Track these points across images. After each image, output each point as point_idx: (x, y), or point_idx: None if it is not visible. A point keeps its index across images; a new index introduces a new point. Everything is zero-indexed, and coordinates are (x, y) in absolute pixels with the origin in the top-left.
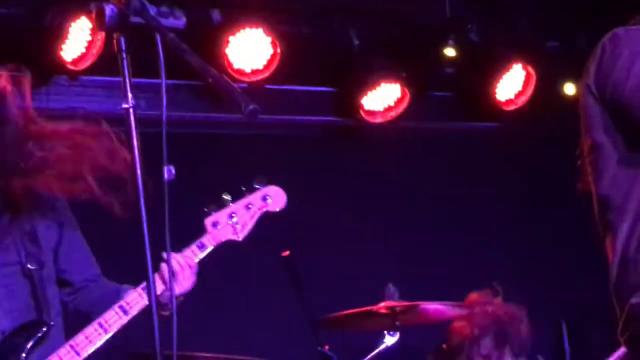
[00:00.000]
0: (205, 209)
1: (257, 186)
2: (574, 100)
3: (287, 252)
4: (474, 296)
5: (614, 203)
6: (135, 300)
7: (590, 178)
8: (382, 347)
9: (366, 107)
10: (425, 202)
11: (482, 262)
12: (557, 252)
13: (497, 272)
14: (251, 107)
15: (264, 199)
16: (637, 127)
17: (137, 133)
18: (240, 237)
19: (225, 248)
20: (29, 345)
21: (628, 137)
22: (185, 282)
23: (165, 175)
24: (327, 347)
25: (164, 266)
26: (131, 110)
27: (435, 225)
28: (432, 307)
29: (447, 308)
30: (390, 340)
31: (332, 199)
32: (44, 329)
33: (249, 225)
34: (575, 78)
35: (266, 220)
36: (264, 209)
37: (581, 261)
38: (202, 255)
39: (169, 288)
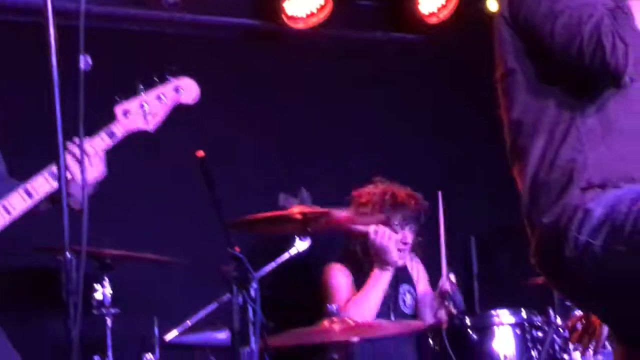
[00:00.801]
0: (117, 98)
1: (170, 77)
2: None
3: (202, 153)
4: None
5: (525, 128)
6: (41, 184)
7: (503, 103)
8: (292, 251)
9: (288, 12)
10: (344, 110)
11: (397, 173)
12: (471, 168)
13: (410, 185)
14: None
15: (176, 90)
16: (548, 54)
17: (54, 24)
18: (151, 127)
19: (138, 148)
20: None
21: (539, 64)
22: (93, 170)
23: (82, 65)
24: (237, 248)
25: (71, 152)
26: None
27: (354, 133)
28: (344, 214)
29: (359, 218)
30: (301, 245)
31: (248, 102)
32: None
33: (160, 116)
34: None
35: (180, 120)
36: (176, 101)
37: (494, 180)
38: (111, 143)
39: (81, 173)
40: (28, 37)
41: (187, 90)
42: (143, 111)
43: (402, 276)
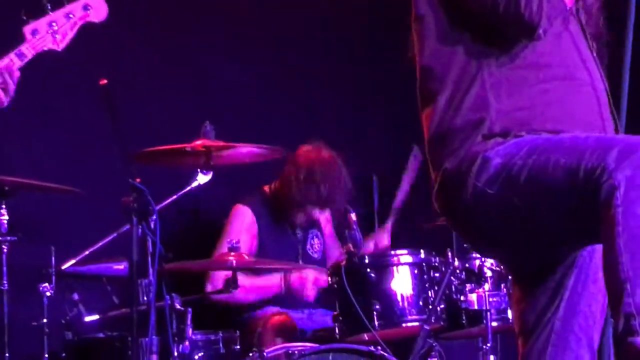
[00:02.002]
0: (24, 17)
1: None
2: None
3: (105, 81)
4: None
5: (434, 74)
6: None
7: (416, 47)
8: (194, 184)
9: None
10: (253, 40)
11: (301, 111)
12: (376, 107)
13: (317, 122)
14: None
15: (85, 8)
16: (460, 2)
17: None
18: (60, 46)
19: (41, 72)
20: None
21: (450, 12)
22: (2, 93)
23: None
24: (138, 180)
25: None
26: None
27: (263, 66)
28: (247, 149)
29: (262, 151)
30: (203, 178)
31: (160, 28)
32: None
33: (69, 35)
34: None
35: (86, 47)
36: (85, 19)
37: (397, 121)
38: (21, 64)
39: None
40: None
41: (96, 8)
42: (52, 30)
43: (309, 222)
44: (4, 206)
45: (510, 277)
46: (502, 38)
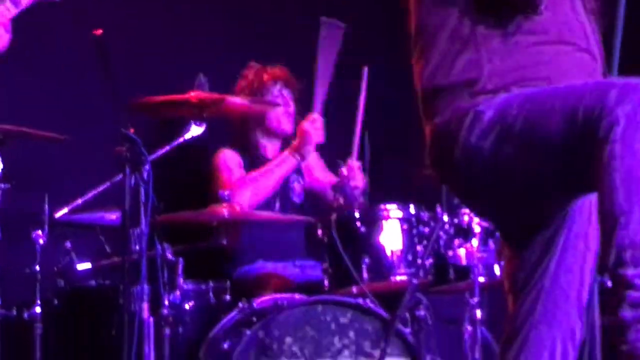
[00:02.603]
0: None
1: None
2: None
3: (100, 31)
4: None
5: (429, 29)
6: None
7: (410, 7)
8: (187, 136)
9: None
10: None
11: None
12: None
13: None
14: None
15: None
16: None
17: None
18: None
19: (35, 21)
20: None
21: None
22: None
23: None
24: (131, 130)
25: None
26: None
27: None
28: (241, 101)
29: (253, 103)
30: (196, 130)
31: None
32: None
33: None
34: None
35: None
36: None
37: (390, 78)
38: (17, 11)
39: None
40: None
41: None
42: None
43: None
44: None
45: (498, 234)
46: (502, 9)
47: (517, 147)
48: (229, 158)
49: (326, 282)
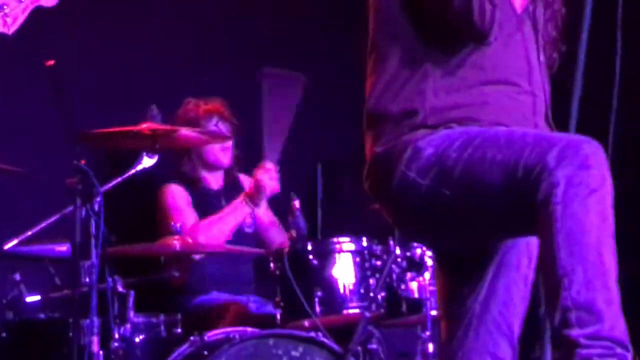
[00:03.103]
0: None
1: None
2: None
3: (52, 62)
4: None
5: (380, 53)
6: None
7: (370, 22)
8: (139, 167)
9: None
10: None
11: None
12: (324, 95)
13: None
14: None
15: None
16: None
17: None
18: (10, 30)
19: None
20: None
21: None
22: None
23: None
24: (83, 161)
25: None
26: None
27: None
28: (193, 134)
29: (206, 137)
30: (148, 161)
31: (110, 15)
32: None
33: (21, 19)
34: None
35: (35, 25)
36: (35, 3)
37: (343, 108)
38: None
39: None
40: None
41: None
42: (3, 13)
43: (235, 195)
44: None
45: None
46: (451, 38)
47: (454, 192)
48: (177, 195)
49: (278, 316)
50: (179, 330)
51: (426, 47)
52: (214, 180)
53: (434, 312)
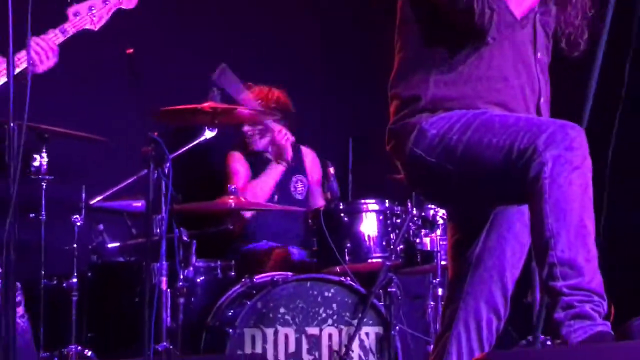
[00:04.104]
0: (69, 0)
1: None
2: None
3: (131, 50)
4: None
5: (405, 34)
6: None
7: (398, 26)
8: (201, 139)
9: None
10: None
11: (296, 79)
12: (355, 82)
13: (306, 89)
14: None
15: None
16: (435, 7)
17: None
18: (96, 27)
19: (82, 41)
20: None
21: (424, 13)
22: (47, 61)
23: None
24: (155, 133)
25: (32, 45)
26: None
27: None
28: (247, 111)
29: (259, 114)
30: (209, 134)
31: (177, 11)
32: None
33: (105, 18)
34: None
35: (117, 21)
36: (118, 5)
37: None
38: (63, 38)
39: (28, 65)
40: None
41: None
42: (91, 13)
43: (296, 167)
44: (44, 150)
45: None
46: (455, 38)
47: (457, 169)
48: (237, 160)
49: (314, 262)
50: (233, 273)
51: (433, 45)
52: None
53: (443, 262)
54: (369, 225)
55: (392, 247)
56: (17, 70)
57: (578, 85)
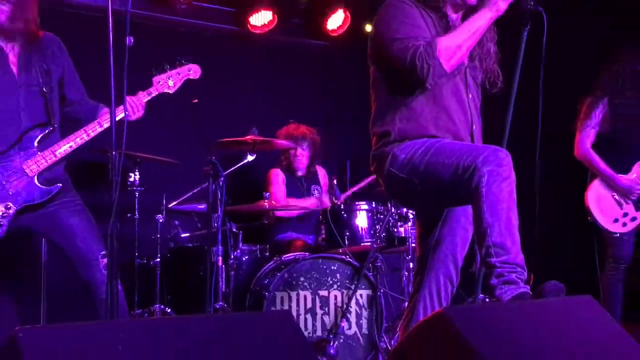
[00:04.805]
0: (154, 71)
1: (185, 62)
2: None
3: (195, 100)
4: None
5: (375, 91)
6: (106, 119)
7: (372, 84)
8: (245, 161)
9: (251, 23)
10: (277, 86)
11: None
12: (353, 117)
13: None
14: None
15: (189, 70)
16: (386, 64)
17: (112, 15)
18: (172, 90)
19: (162, 101)
20: (39, 136)
21: (380, 68)
22: (137, 113)
23: (127, 42)
24: (213, 157)
25: (127, 102)
26: (109, 2)
27: (283, 91)
28: (280, 141)
29: (285, 143)
30: (250, 157)
31: (228, 76)
32: (50, 128)
33: (178, 84)
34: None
35: (186, 82)
36: (188, 76)
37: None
38: (149, 98)
39: (125, 114)
40: (90, 26)
41: (194, 70)
42: (169, 81)
43: (313, 179)
44: (137, 170)
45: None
46: (408, 86)
47: (420, 181)
48: (275, 175)
49: (324, 246)
50: (267, 254)
51: (394, 94)
52: (300, 169)
53: (413, 245)
54: (361, 220)
55: (377, 234)
56: (118, 118)
57: (499, 118)
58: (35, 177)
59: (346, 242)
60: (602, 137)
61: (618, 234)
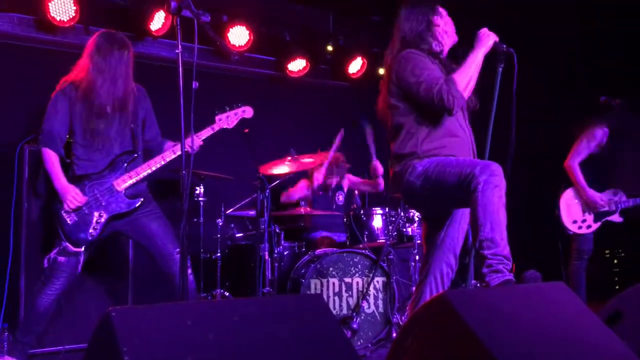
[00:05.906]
0: (216, 111)
1: (240, 104)
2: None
3: (247, 130)
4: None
5: (402, 123)
6: (175, 149)
7: (389, 119)
8: (284, 177)
9: (289, 69)
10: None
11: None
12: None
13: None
14: (235, 58)
15: (243, 111)
16: (415, 100)
17: (182, 65)
18: (230, 126)
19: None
20: (127, 161)
21: (408, 99)
22: (196, 149)
23: (193, 86)
24: (261, 174)
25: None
26: (179, 55)
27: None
28: (311, 159)
29: (316, 159)
30: (286, 174)
31: (271, 110)
32: (135, 155)
33: (235, 122)
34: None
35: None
36: (242, 116)
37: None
38: (211, 133)
39: (191, 148)
40: (162, 75)
41: (248, 111)
42: (227, 119)
43: (338, 187)
44: (202, 184)
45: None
46: (433, 115)
47: (432, 187)
48: (302, 185)
49: (347, 242)
50: (304, 249)
51: (418, 121)
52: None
53: (418, 242)
54: (377, 222)
55: (390, 233)
56: (176, 155)
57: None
58: (123, 192)
59: (365, 240)
60: (591, 156)
61: (572, 232)
